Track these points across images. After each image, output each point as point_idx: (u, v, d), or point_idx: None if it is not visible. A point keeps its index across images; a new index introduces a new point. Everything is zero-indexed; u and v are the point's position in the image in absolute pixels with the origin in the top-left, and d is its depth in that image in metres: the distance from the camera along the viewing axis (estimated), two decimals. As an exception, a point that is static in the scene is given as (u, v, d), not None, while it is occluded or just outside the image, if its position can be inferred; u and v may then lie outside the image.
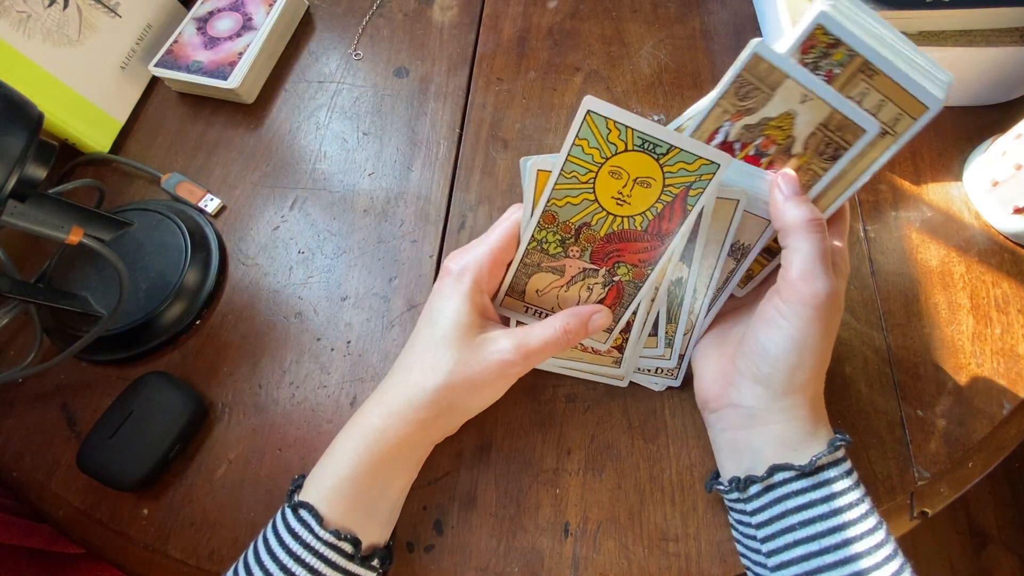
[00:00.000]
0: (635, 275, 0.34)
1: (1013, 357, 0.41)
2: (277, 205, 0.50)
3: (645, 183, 0.32)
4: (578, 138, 0.31)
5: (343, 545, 0.30)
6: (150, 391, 0.40)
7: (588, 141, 0.31)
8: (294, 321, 0.45)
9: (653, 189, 0.32)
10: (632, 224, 0.33)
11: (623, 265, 0.34)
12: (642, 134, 0.30)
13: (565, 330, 0.33)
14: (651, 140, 0.31)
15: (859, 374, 0.41)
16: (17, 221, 0.35)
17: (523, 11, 0.58)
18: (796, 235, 0.31)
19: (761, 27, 0.55)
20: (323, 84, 0.56)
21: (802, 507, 0.30)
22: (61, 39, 0.49)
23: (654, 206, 0.32)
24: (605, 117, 0.30)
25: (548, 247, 0.35)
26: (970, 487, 0.38)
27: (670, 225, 0.33)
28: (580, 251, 0.34)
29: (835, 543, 0.29)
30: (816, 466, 0.30)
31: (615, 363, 0.38)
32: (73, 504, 0.40)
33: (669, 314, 0.37)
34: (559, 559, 0.36)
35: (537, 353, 0.33)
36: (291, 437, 0.41)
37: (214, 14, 0.55)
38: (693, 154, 0.31)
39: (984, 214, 0.46)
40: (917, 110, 0.31)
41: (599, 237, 0.34)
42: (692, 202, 0.32)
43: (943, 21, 0.44)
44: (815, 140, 0.32)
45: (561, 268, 0.35)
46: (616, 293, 0.35)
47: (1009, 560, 1.06)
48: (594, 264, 0.35)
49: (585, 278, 0.35)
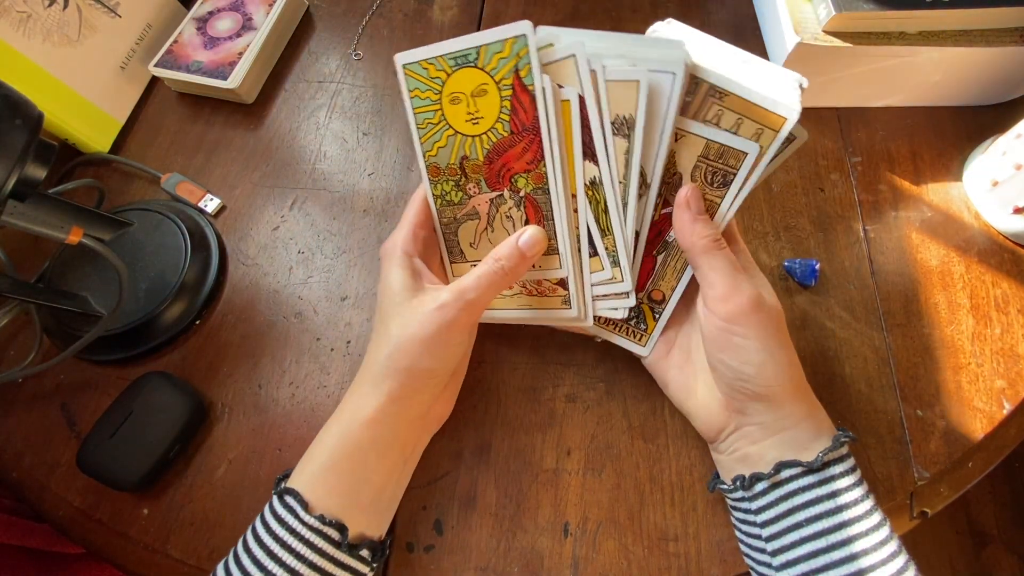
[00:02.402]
0: (534, 180, 0.33)
1: (1013, 357, 0.41)
2: (277, 205, 0.50)
3: (481, 92, 0.32)
4: (410, 92, 0.33)
5: (328, 531, 0.30)
6: (150, 391, 0.40)
7: (419, 88, 0.33)
8: (294, 321, 0.45)
9: (491, 93, 0.32)
10: (497, 134, 0.33)
11: (519, 177, 0.33)
12: (450, 54, 0.32)
13: (496, 259, 0.33)
14: (459, 54, 0.32)
15: (859, 374, 0.41)
16: (17, 221, 0.35)
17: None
18: (709, 255, 0.32)
19: (761, 27, 0.55)
20: (323, 84, 0.56)
21: (808, 503, 0.30)
22: (61, 39, 0.49)
23: (502, 106, 0.32)
24: (416, 61, 0.33)
25: (450, 196, 0.35)
26: (970, 487, 0.38)
27: (526, 115, 0.32)
28: (476, 185, 0.34)
29: (840, 540, 0.29)
30: (823, 462, 0.30)
31: (565, 303, 0.35)
32: (73, 504, 0.40)
33: (599, 224, 0.34)
34: (559, 559, 0.36)
35: (474, 291, 0.32)
36: (291, 437, 0.41)
37: (214, 14, 0.55)
38: (497, 40, 0.31)
39: (984, 214, 0.46)
40: (776, 122, 0.31)
41: (481, 162, 0.34)
42: (529, 81, 0.31)
43: (943, 21, 0.44)
44: (699, 172, 0.33)
45: (472, 210, 0.35)
46: (533, 208, 0.34)
47: (1009, 560, 1.06)
48: (494, 190, 0.34)
49: (498, 210, 0.35)
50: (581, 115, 0.32)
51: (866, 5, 0.43)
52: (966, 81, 0.48)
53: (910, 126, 0.50)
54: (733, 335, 0.31)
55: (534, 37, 0.30)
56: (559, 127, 0.32)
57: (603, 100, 0.31)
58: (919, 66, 0.47)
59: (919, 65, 0.47)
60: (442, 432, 0.40)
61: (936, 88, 0.49)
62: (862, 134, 0.50)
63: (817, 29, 0.46)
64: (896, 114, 0.51)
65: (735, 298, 0.31)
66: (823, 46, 0.45)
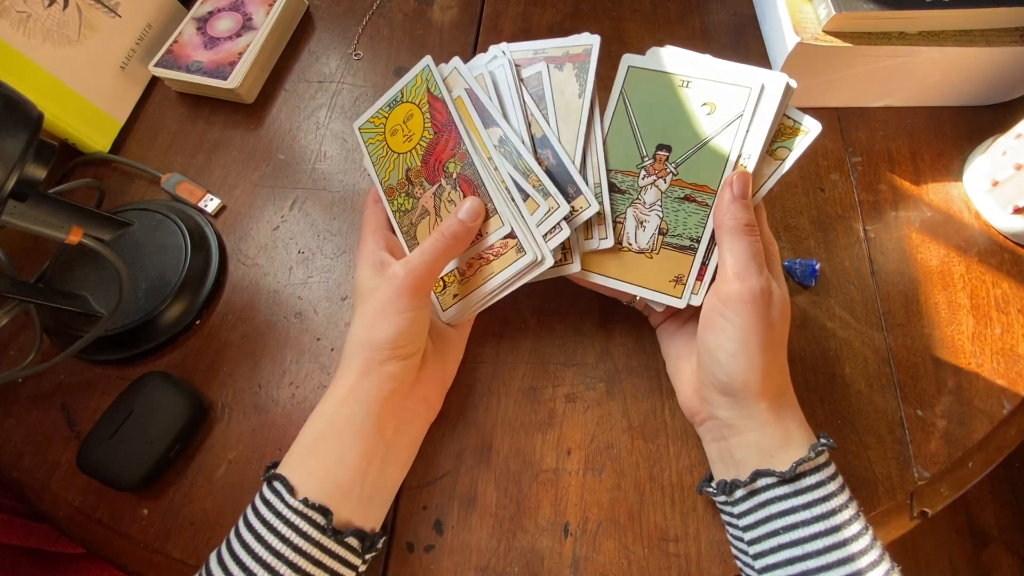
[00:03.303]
0: (460, 159, 0.38)
1: (1013, 357, 0.41)
2: (277, 205, 0.50)
3: (409, 116, 0.41)
4: (366, 143, 0.43)
5: (312, 514, 0.30)
6: (150, 391, 0.40)
7: (371, 138, 0.42)
8: (294, 321, 0.45)
9: (415, 114, 0.41)
10: (425, 140, 0.40)
11: (449, 163, 0.39)
12: (386, 103, 0.42)
13: (441, 231, 0.35)
14: (391, 100, 0.42)
15: (859, 374, 0.41)
16: (17, 221, 0.35)
17: (523, 11, 0.58)
18: (733, 236, 0.33)
19: (761, 27, 0.55)
20: (323, 84, 0.56)
21: (785, 512, 0.30)
22: (61, 39, 0.49)
23: (425, 118, 0.40)
24: (367, 120, 0.43)
25: (404, 206, 0.41)
26: (970, 487, 0.38)
27: (441, 115, 0.39)
28: (420, 187, 0.40)
29: (816, 549, 0.29)
30: (797, 473, 0.30)
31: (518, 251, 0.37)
32: (73, 504, 0.40)
33: (518, 169, 0.38)
34: (559, 559, 0.36)
35: (418, 258, 0.34)
36: (291, 437, 0.40)
37: (214, 14, 0.55)
38: (411, 77, 0.41)
39: (984, 214, 0.46)
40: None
41: (419, 166, 0.40)
42: (437, 92, 0.40)
43: (943, 21, 0.44)
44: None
45: (422, 209, 0.40)
46: (466, 184, 0.38)
47: (1009, 560, 1.06)
48: (434, 183, 0.39)
49: (441, 199, 0.39)
50: (473, 101, 0.39)
51: (866, 5, 0.43)
52: (966, 81, 0.48)
53: (910, 126, 0.50)
54: (721, 316, 0.33)
55: (433, 64, 0.40)
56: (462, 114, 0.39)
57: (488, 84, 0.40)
58: (919, 66, 0.47)
59: (919, 65, 0.47)
60: (442, 432, 0.40)
61: (936, 88, 0.49)
62: (862, 134, 0.50)
63: (817, 29, 0.46)
64: (896, 114, 0.51)
65: (738, 283, 0.32)
66: (823, 46, 0.45)
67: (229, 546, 0.30)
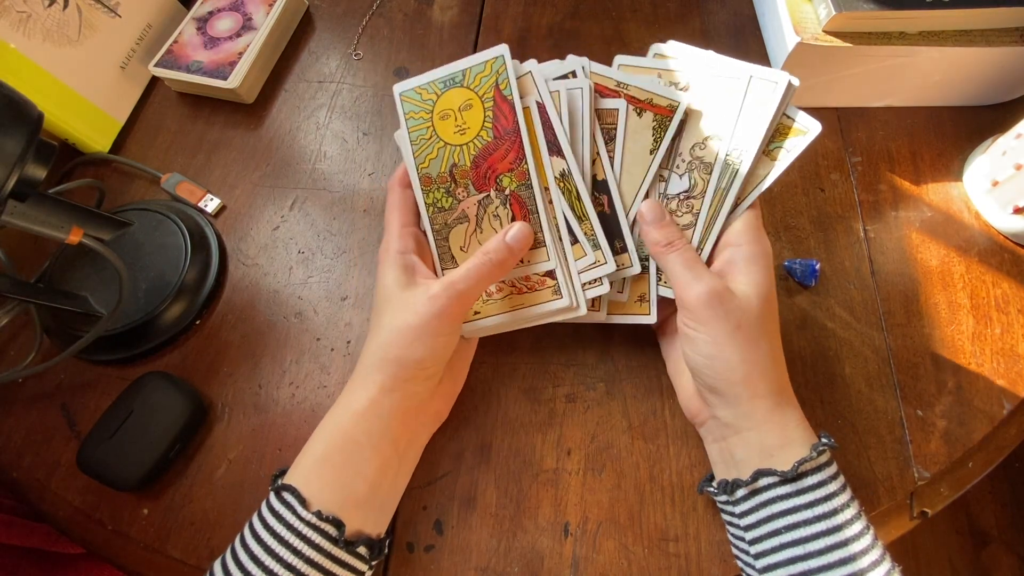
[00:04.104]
0: (518, 177, 0.36)
1: (1013, 357, 0.41)
2: (277, 205, 0.50)
3: (467, 106, 0.37)
4: (406, 115, 0.38)
5: (325, 527, 0.30)
6: (150, 391, 0.40)
7: (413, 111, 0.38)
8: (294, 321, 0.45)
9: (475, 106, 0.37)
10: (482, 140, 0.37)
11: (503, 176, 0.36)
12: (440, 80, 0.38)
13: (485, 253, 0.34)
14: (447, 77, 0.37)
15: (859, 374, 0.41)
16: (17, 221, 0.35)
17: (523, 11, 0.58)
18: (660, 258, 0.36)
19: (761, 27, 0.55)
20: (323, 84, 0.56)
21: (787, 512, 0.30)
22: (61, 39, 0.49)
23: (486, 115, 0.37)
24: (412, 88, 0.38)
25: (441, 203, 0.37)
26: (970, 487, 0.38)
27: (507, 121, 0.36)
28: (464, 189, 0.37)
29: (818, 549, 0.29)
30: (799, 472, 0.30)
31: (555, 293, 0.37)
32: (73, 504, 0.40)
33: (574, 211, 0.37)
34: (559, 559, 0.36)
35: (463, 281, 0.33)
36: (291, 437, 0.41)
37: (214, 14, 0.55)
38: (480, 62, 0.37)
39: (984, 214, 0.46)
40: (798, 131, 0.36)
41: (468, 167, 0.37)
42: (508, 92, 0.36)
43: (943, 21, 0.44)
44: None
45: (462, 214, 0.37)
46: (518, 205, 0.36)
47: (1009, 560, 1.06)
48: (481, 191, 0.37)
49: (486, 210, 0.37)
50: (542, 118, 0.36)
51: (866, 5, 0.43)
52: (966, 81, 0.48)
53: (910, 126, 0.50)
54: (686, 326, 0.34)
55: (510, 57, 0.36)
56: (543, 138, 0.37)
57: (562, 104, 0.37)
58: (919, 66, 0.47)
59: (919, 65, 0.47)
60: (442, 432, 0.40)
61: (936, 88, 0.49)
62: (862, 134, 0.50)
63: (817, 29, 0.46)
64: (896, 114, 0.51)
65: (684, 294, 0.34)
66: (823, 46, 0.45)
67: (235, 555, 0.30)
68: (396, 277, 0.34)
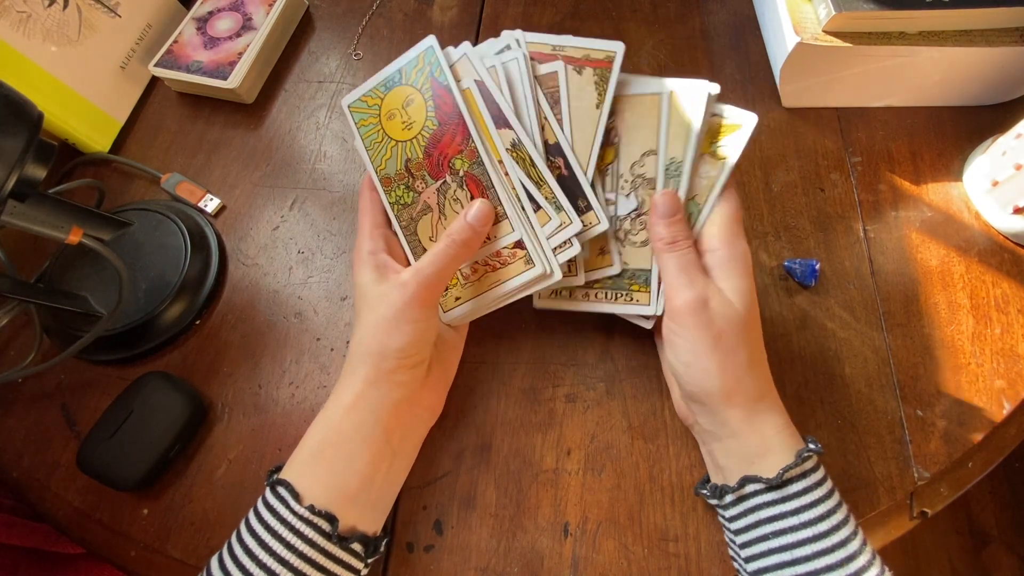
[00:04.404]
0: (468, 156, 0.37)
1: (1013, 357, 0.41)
2: (277, 205, 0.50)
3: (409, 102, 0.38)
4: (357, 124, 0.40)
5: (318, 521, 0.30)
6: (150, 391, 0.40)
7: (363, 118, 0.40)
8: (294, 321, 0.45)
9: (416, 100, 0.38)
10: (428, 130, 0.37)
11: (455, 159, 0.37)
12: (380, 83, 0.39)
13: (448, 235, 0.35)
14: (387, 80, 0.39)
15: (859, 374, 0.41)
16: (17, 221, 0.35)
17: (523, 11, 0.58)
18: (658, 255, 0.35)
19: (761, 27, 0.55)
20: (323, 84, 0.56)
21: (773, 518, 0.30)
22: (61, 39, 0.49)
23: (427, 106, 0.37)
24: (358, 99, 0.40)
25: (403, 199, 0.39)
26: (970, 487, 0.38)
27: (448, 105, 0.37)
28: (422, 181, 0.38)
29: (804, 555, 0.29)
30: (784, 479, 0.30)
31: (527, 263, 0.37)
32: (73, 504, 0.40)
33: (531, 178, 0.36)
34: (559, 559, 0.36)
35: (430, 265, 0.34)
36: (291, 437, 0.41)
37: (214, 14, 0.55)
38: (412, 58, 0.38)
39: (984, 214, 0.46)
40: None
41: (422, 159, 0.38)
42: (442, 79, 0.37)
43: (943, 21, 0.44)
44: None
45: (424, 205, 0.38)
46: (474, 184, 0.37)
47: (1009, 560, 1.06)
48: (438, 179, 0.38)
49: (445, 196, 0.37)
50: (483, 95, 0.37)
51: (866, 5, 0.43)
52: (966, 81, 0.48)
53: (910, 126, 0.50)
54: (670, 330, 0.34)
55: (439, 47, 0.37)
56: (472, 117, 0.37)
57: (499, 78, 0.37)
58: (919, 66, 0.47)
59: (919, 65, 0.47)
60: (442, 432, 0.40)
61: (936, 88, 0.49)
62: (862, 134, 0.50)
63: (817, 29, 0.46)
64: (896, 114, 0.51)
65: (674, 298, 0.33)
66: (823, 46, 0.45)
67: (231, 550, 0.30)
68: (370, 276, 0.35)
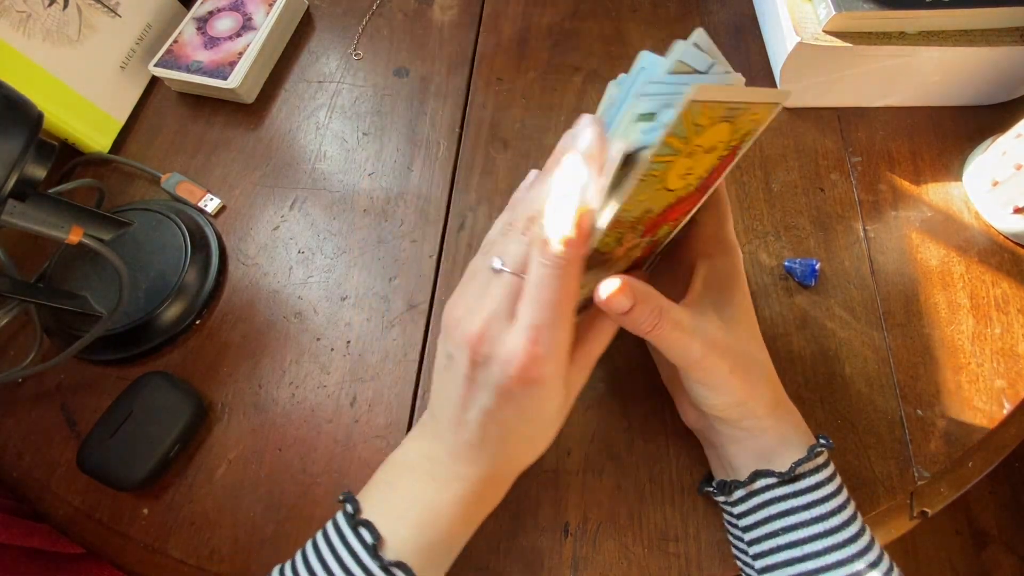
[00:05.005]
0: (671, 227, 0.31)
1: (1013, 357, 0.41)
2: (277, 205, 0.50)
3: (711, 149, 0.26)
4: (665, 139, 0.23)
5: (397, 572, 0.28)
6: (150, 391, 0.40)
7: (677, 134, 0.23)
8: (294, 321, 0.45)
9: (717, 150, 0.26)
10: (690, 187, 0.27)
11: (666, 224, 0.30)
12: (731, 104, 0.24)
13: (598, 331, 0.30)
14: (736, 104, 0.24)
15: (859, 374, 0.41)
16: (17, 221, 0.35)
17: (523, 11, 0.58)
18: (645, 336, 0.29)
19: (761, 27, 0.55)
20: (323, 84, 0.56)
21: (784, 513, 0.30)
22: (61, 39, 0.49)
23: (712, 166, 0.27)
24: (706, 102, 0.22)
25: (606, 247, 0.28)
26: (970, 487, 0.38)
27: (717, 176, 0.28)
28: (634, 238, 0.29)
29: (815, 551, 0.29)
30: (796, 473, 0.30)
31: None
32: (73, 504, 0.40)
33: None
34: (559, 559, 0.36)
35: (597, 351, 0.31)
36: (291, 437, 0.41)
37: (214, 14, 0.55)
38: (761, 101, 0.25)
39: (984, 214, 0.46)
40: None
41: (655, 215, 0.28)
42: (743, 147, 0.27)
43: (943, 21, 0.44)
44: None
45: (606, 260, 0.29)
46: (651, 249, 0.32)
47: (1009, 560, 1.06)
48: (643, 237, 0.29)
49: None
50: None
51: (866, 5, 0.43)
52: (966, 81, 0.48)
53: (910, 126, 0.50)
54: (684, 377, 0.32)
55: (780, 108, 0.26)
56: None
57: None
58: (919, 66, 0.47)
59: (919, 65, 0.47)
60: (442, 432, 0.40)
61: (936, 88, 0.49)
62: (862, 134, 0.50)
63: (817, 29, 0.46)
64: (896, 114, 0.51)
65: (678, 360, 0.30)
66: (823, 46, 0.45)
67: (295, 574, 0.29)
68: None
